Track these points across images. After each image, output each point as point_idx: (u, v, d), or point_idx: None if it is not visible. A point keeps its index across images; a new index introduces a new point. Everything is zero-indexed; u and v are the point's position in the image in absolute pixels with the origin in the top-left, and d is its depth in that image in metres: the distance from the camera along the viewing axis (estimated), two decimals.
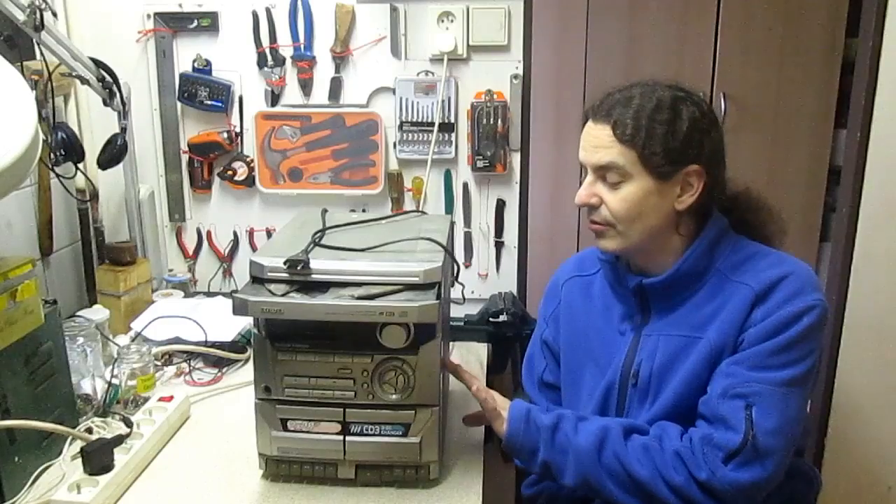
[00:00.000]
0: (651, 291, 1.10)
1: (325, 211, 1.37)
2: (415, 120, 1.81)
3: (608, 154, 1.04)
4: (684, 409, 1.06)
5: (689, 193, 1.05)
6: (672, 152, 1.03)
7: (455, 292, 1.54)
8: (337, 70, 1.82)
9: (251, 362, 1.24)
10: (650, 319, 1.12)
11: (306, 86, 1.83)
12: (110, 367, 1.41)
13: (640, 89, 1.06)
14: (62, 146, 1.50)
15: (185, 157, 1.90)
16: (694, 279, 1.08)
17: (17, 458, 1.12)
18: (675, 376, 1.07)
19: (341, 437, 1.11)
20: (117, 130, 1.60)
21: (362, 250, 1.13)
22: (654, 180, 1.03)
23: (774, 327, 1.00)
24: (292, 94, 1.85)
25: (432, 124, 1.79)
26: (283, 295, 1.04)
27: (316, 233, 1.20)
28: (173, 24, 1.81)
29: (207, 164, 1.89)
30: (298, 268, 1.05)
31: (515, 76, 1.77)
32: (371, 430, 1.11)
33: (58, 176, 1.53)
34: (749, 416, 0.97)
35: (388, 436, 1.11)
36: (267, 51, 1.81)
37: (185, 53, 1.83)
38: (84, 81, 1.49)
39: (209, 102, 1.83)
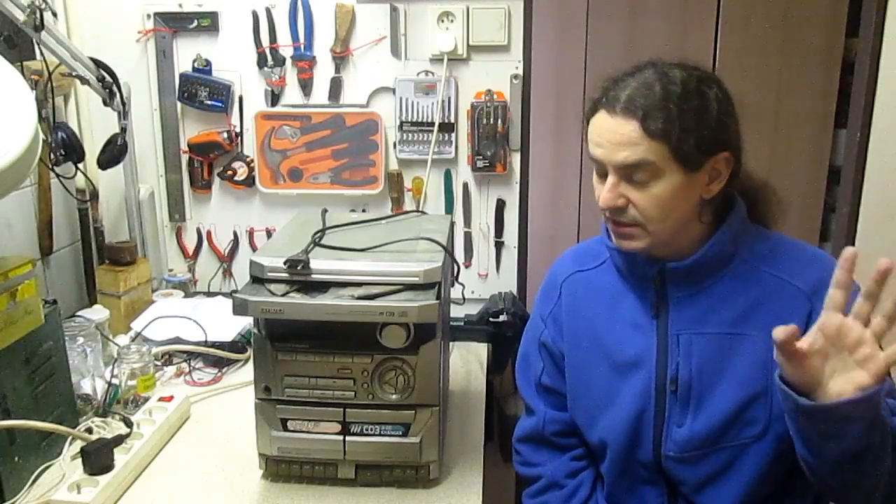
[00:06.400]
0: (671, 277, 1.04)
1: (325, 211, 1.37)
2: (415, 120, 1.80)
3: (636, 152, 0.94)
4: (740, 416, 1.01)
5: (717, 181, 0.99)
6: (705, 142, 0.94)
7: (455, 292, 1.55)
8: (337, 70, 1.82)
9: (251, 362, 1.24)
10: (668, 311, 1.05)
11: (306, 86, 1.83)
12: (110, 367, 1.42)
13: (654, 72, 0.97)
14: (62, 146, 1.50)
15: (185, 157, 1.90)
16: (719, 266, 1.03)
17: (17, 458, 1.12)
18: (723, 380, 1.01)
19: (341, 437, 1.11)
20: (117, 130, 1.60)
21: (362, 250, 1.13)
22: (684, 173, 0.95)
23: None
24: (292, 94, 1.84)
25: (432, 124, 1.79)
26: (283, 295, 1.04)
27: (316, 233, 1.21)
28: (173, 24, 1.81)
29: (207, 164, 1.89)
30: (298, 268, 1.05)
31: (515, 76, 1.77)
32: (371, 430, 1.11)
33: (58, 176, 1.53)
34: None
35: (388, 436, 1.11)
36: (267, 51, 1.81)
37: (185, 53, 1.82)
38: (84, 81, 1.49)
39: (209, 102, 1.83)
